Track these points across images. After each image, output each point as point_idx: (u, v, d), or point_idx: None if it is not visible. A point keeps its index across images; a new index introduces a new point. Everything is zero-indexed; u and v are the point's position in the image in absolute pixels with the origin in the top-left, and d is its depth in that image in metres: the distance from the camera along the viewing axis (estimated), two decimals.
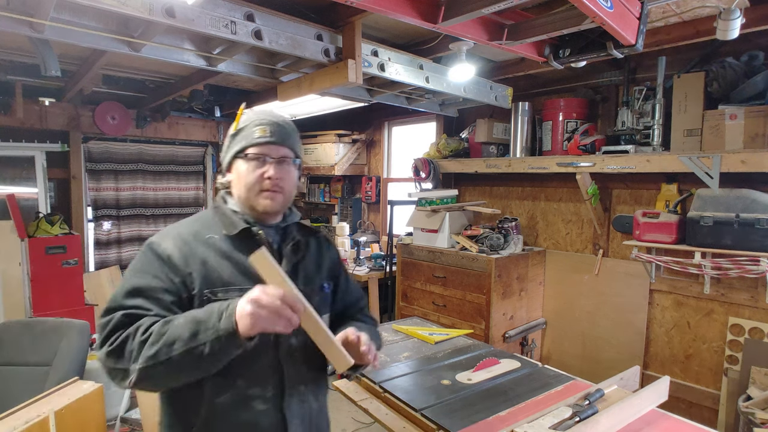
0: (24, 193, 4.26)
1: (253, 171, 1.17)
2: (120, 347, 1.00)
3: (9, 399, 1.96)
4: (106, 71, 3.41)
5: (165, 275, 1.10)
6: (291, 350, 1.17)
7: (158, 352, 0.96)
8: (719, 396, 2.69)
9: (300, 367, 1.20)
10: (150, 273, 1.10)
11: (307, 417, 1.22)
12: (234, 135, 1.22)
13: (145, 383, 1.02)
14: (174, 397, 1.16)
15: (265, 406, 1.14)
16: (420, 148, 4.23)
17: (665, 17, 2.32)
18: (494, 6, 1.72)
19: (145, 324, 1.01)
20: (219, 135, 5.29)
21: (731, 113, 2.49)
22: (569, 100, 3.27)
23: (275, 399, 1.15)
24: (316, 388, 1.26)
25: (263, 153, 1.17)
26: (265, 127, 1.18)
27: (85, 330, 2.41)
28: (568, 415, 1.54)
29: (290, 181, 1.21)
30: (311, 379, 1.24)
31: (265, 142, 1.17)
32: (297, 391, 1.19)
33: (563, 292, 3.50)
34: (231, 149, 1.22)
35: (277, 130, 1.19)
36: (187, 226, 1.21)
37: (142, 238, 5.03)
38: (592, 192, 3.09)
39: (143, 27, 2.06)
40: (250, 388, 1.13)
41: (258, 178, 1.16)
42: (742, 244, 2.44)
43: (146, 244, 1.16)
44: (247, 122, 1.21)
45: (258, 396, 1.13)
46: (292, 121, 1.27)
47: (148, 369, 0.97)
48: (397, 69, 2.65)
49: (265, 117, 1.21)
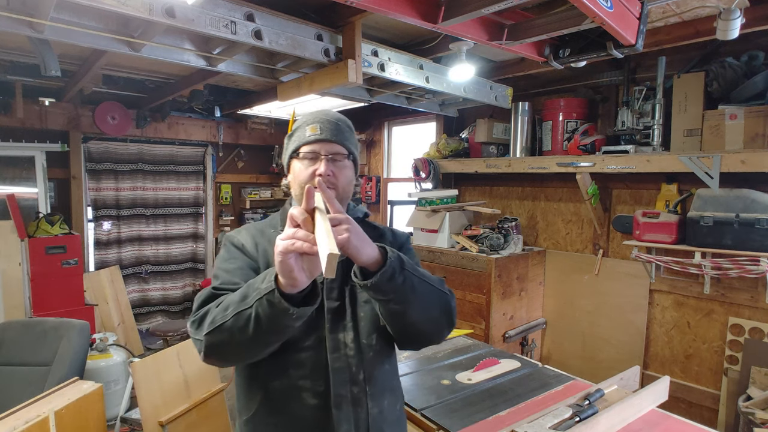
0: (24, 193, 4.25)
1: (306, 169, 1.17)
2: (201, 319, 1.04)
3: (9, 399, 1.97)
4: (106, 71, 3.41)
5: (244, 259, 1.19)
6: (338, 344, 1.14)
7: (216, 317, 1.00)
8: (719, 396, 2.70)
9: (352, 365, 1.15)
10: (234, 257, 1.19)
11: (363, 423, 1.15)
12: (289, 136, 1.25)
13: (212, 354, 1.04)
14: (241, 384, 1.21)
15: (315, 400, 1.12)
16: (420, 148, 4.23)
17: (665, 17, 2.32)
18: (494, 6, 1.72)
19: (225, 296, 1.06)
20: (219, 135, 5.29)
21: (731, 113, 2.49)
22: (569, 100, 3.27)
23: (325, 396, 1.12)
24: (376, 391, 1.18)
25: (315, 150, 1.17)
26: (317, 125, 1.19)
27: (85, 330, 2.41)
28: (568, 415, 1.54)
29: (344, 178, 1.19)
30: (368, 380, 1.17)
31: (315, 139, 1.17)
32: (348, 391, 1.14)
33: (563, 292, 3.50)
34: (287, 151, 1.24)
35: (329, 127, 1.19)
36: (258, 225, 1.29)
37: (142, 238, 5.04)
38: (592, 192, 3.09)
39: (143, 27, 2.06)
40: (301, 379, 1.12)
41: (310, 176, 1.15)
42: (742, 244, 2.44)
43: (225, 239, 1.26)
44: (301, 123, 1.23)
45: (308, 388, 1.12)
46: (346, 118, 1.27)
47: (209, 336, 1.00)
48: (397, 69, 2.65)
49: (317, 115, 1.22)
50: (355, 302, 1.18)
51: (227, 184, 5.59)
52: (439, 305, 1.13)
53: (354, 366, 1.14)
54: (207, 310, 1.05)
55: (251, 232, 1.24)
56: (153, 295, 5.15)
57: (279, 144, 5.66)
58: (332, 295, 1.16)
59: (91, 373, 3.00)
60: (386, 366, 1.22)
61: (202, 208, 5.44)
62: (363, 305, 1.18)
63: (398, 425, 1.26)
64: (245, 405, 1.19)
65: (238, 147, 5.60)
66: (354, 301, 1.18)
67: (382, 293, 1.01)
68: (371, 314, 1.18)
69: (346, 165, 1.20)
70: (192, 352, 2.75)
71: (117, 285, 4.56)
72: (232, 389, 4.05)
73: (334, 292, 1.16)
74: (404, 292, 1.03)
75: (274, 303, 0.93)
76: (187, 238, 5.36)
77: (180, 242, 5.31)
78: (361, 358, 1.15)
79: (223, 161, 5.52)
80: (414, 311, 1.07)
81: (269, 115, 4.81)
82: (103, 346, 3.32)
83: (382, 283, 0.98)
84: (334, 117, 1.23)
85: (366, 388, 1.16)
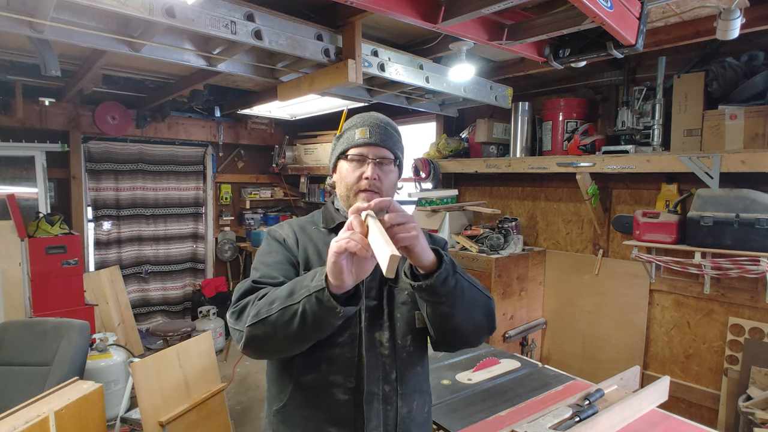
0: (24, 193, 4.26)
1: (353, 171, 1.20)
2: (241, 310, 1.08)
3: (9, 399, 1.97)
4: (106, 71, 3.41)
5: (284, 253, 1.22)
6: (373, 342, 1.16)
7: (260, 310, 1.03)
8: (719, 396, 2.69)
9: (385, 364, 1.17)
10: (274, 251, 1.23)
11: (392, 421, 1.18)
12: (338, 137, 1.28)
13: (252, 345, 1.06)
14: (272, 374, 1.25)
15: (345, 396, 1.14)
16: (420, 148, 4.23)
17: (665, 17, 2.32)
18: (494, 6, 1.72)
19: (266, 290, 1.09)
20: (219, 135, 5.29)
21: (731, 113, 2.49)
22: (569, 100, 3.27)
23: (356, 392, 1.15)
24: (407, 391, 1.21)
25: (363, 154, 1.20)
26: (366, 128, 1.22)
27: (85, 330, 2.41)
28: (568, 415, 1.54)
29: (389, 182, 1.23)
30: (400, 380, 1.19)
31: (364, 143, 1.20)
32: (380, 389, 1.16)
33: (563, 292, 3.50)
34: (335, 151, 1.27)
35: (378, 132, 1.22)
36: (299, 221, 1.33)
37: (142, 238, 5.04)
38: (592, 192, 3.09)
39: (143, 27, 2.06)
40: (332, 374, 1.14)
41: (356, 178, 1.19)
42: (742, 244, 2.44)
43: (267, 233, 1.30)
44: (350, 125, 1.26)
45: (339, 384, 1.14)
46: (394, 123, 1.30)
47: (252, 328, 1.03)
48: (397, 69, 2.65)
49: (367, 119, 1.25)
50: (392, 303, 1.21)
51: (227, 184, 5.59)
52: (483, 309, 1.16)
53: (387, 365, 1.18)
54: (248, 301, 1.08)
55: (293, 228, 1.28)
56: (153, 295, 5.15)
57: (279, 144, 5.67)
58: (371, 294, 1.19)
59: (91, 373, 3.00)
60: (418, 368, 1.24)
61: (202, 208, 5.44)
62: (400, 306, 1.21)
63: (425, 427, 1.29)
64: (276, 395, 1.23)
65: (238, 147, 5.60)
66: (391, 301, 1.21)
67: (435, 295, 1.03)
68: (407, 315, 1.21)
69: (392, 170, 1.25)
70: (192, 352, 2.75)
71: (117, 285, 4.56)
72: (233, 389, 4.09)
73: (372, 291, 1.19)
74: (455, 295, 1.05)
75: (323, 301, 0.96)
76: (187, 238, 5.37)
77: (180, 242, 5.31)
78: (395, 357, 1.18)
79: (223, 161, 5.53)
80: (461, 314, 1.09)
81: (269, 115, 4.81)
82: (103, 346, 3.32)
83: (437, 285, 1.01)
84: (383, 121, 1.26)
85: (397, 388, 1.19)
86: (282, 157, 5.55)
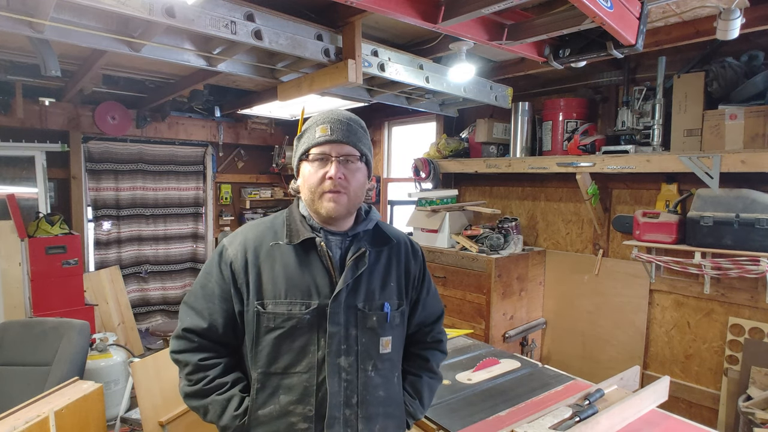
0: (24, 193, 4.25)
1: (316, 172, 1.13)
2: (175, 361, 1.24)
3: (9, 399, 1.97)
4: (106, 71, 3.41)
5: (221, 285, 1.19)
6: (336, 368, 1.13)
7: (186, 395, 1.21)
8: (719, 396, 2.69)
9: (347, 389, 1.14)
10: (211, 282, 1.21)
11: None
12: (299, 138, 1.20)
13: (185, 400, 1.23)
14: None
15: (305, 424, 1.12)
16: (420, 148, 4.23)
17: (665, 17, 2.32)
18: (494, 6, 1.72)
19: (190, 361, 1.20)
20: (219, 135, 5.28)
21: (731, 113, 2.49)
22: (569, 100, 3.27)
23: (316, 419, 1.12)
24: (368, 414, 1.17)
25: (325, 152, 1.12)
26: (327, 125, 1.13)
27: (85, 330, 2.41)
28: (568, 415, 1.54)
29: (356, 182, 1.14)
30: (361, 404, 1.16)
31: (326, 141, 1.12)
32: (341, 413, 1.13)
33: (563, 292, 3.50)
34: (296, 153, 1.20)
35: (339, 128, 1.13)
36: (257, 231, 1.22)
37: (142, 238, 5.04)
38: (592, 192, 3.09)
39: (143, 27, 2.06)
40: (291, 404, 1.12)
41: (320, 179, 1.12)
42: (742, 244, 2.44)
43: (218, 248, 1.23)
44: (311, 123, 1.18)
45: (298, 413, 1.12)
46: (359, 119, 1.21)
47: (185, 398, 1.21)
48: (397, 69, 2.65)
49: (328, 115, 1.16)
50: (356, 328, 1.17)
51: (227, 184, 5.59)
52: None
53: (349, 390, 1.15)
54: (177, 359, 1.22)
55: (246, 245, 1.19)
56: (153, 295, 5.15)
57: (279, 144, 5.66)
58: (336, 320, 1.14)
59: (91, 373, 2.99)
60: (380, 392, 1.20)
61: (202, 208, 5.43)
62: (366, 331, 1.18)
63: None
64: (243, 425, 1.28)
65: (238, 147, 5.60)
66: (357, 325, 1.17)
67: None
68: (371, 341, 1.18)
69: (359, 167, 1.16)
70: None
71: (117, 285, 4.56)
72: None
73: (338, 317, 1.14)
74: None
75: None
76: (187, 238, 5.36)
77: (180, 242, 5.31)
78: (357, 383, 1.16)
79: (223, 161, 5.52)
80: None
81: (269, 115, 4.81)
82: (103, 346, 3.31)
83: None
84: (345, 117, 1.17)
85: (357, 412, 1.16)
86: (282, 157, 5.54)
